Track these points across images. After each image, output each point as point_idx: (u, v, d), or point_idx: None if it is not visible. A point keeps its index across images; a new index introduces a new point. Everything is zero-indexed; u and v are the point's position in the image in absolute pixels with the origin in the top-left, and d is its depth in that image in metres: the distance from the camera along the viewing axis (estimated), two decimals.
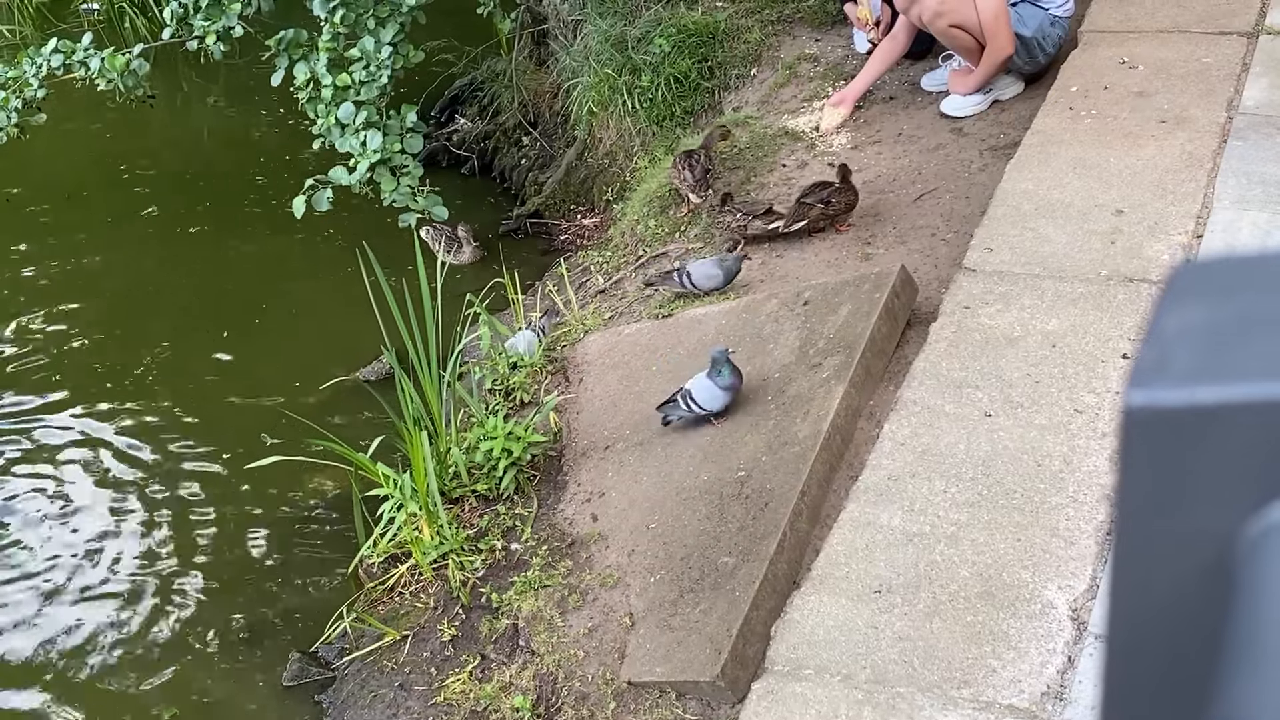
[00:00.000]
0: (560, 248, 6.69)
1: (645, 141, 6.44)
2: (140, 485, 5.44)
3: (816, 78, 6.02)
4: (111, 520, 5.25)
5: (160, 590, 4.90)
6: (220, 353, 6.21)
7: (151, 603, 4.85)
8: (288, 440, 5.23)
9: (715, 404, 4.12)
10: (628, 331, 4.92)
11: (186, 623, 4.76)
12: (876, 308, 4.09)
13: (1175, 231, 4.06)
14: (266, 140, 8.24)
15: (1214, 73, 4.86)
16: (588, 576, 3.94)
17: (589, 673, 3.65)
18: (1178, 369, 0.48)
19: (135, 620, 4.79)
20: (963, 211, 4.72)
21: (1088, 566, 3.08)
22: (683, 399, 4.15)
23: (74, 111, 8.20)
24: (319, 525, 5.10)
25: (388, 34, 5.93)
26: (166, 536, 5.15)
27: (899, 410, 3.62)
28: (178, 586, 4.92)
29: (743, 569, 3.53)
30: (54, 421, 5.87)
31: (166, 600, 4.86)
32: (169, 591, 4.90)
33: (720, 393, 4.10)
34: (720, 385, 4.10)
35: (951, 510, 3.29)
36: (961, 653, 2.95)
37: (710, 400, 4.12)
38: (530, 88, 7.54)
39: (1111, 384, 3.55)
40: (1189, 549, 0.49)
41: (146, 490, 5.41)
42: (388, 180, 5.71)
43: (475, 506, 4.43)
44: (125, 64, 6.19)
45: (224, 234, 7.19)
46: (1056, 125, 4.72)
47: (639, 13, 6.65)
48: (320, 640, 4.45)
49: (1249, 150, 4.39)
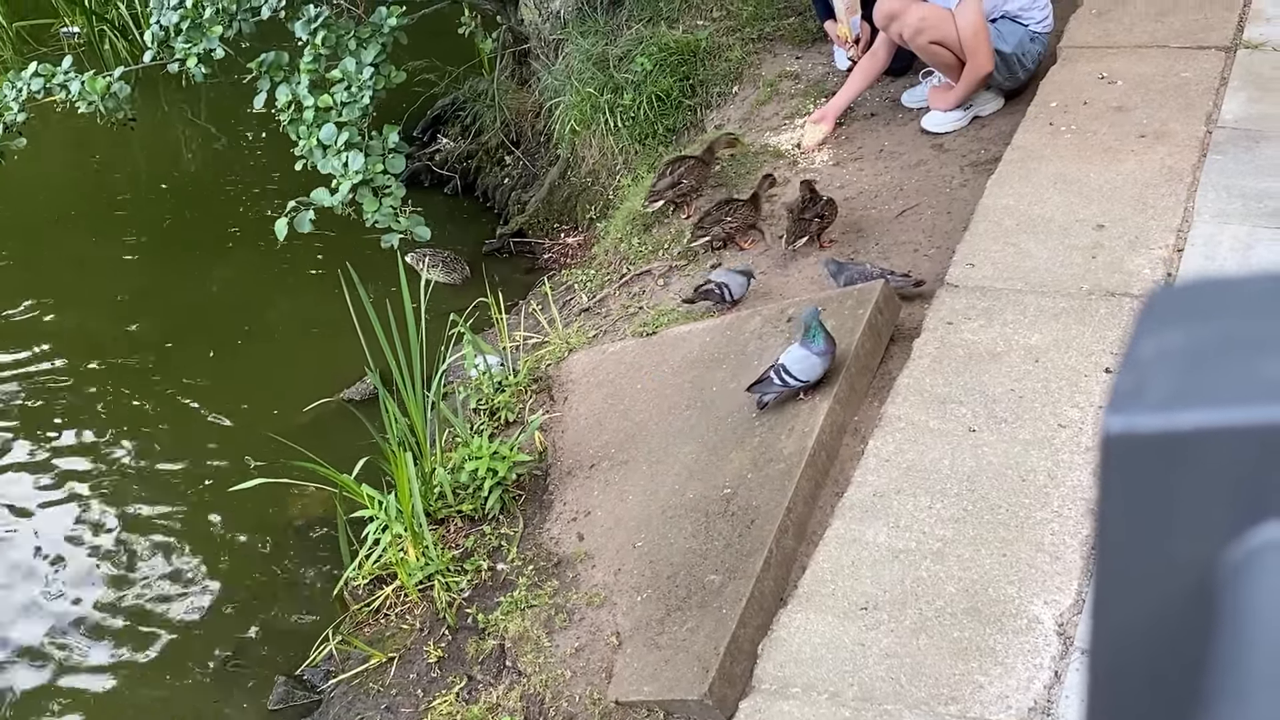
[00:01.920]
0: (544, 266, 6.69)
1: (628, 160, 6.45)
2: (123, 508, 5.41)
3: (798, 95, 6.04)
4: (93, 543, 5.23)
5: (144, 614, 4.88)
6: (203, 375, 6.18)
7: (135, 626, 4.82)
8: (272, 462, 5.21)
9: (812, 373, 3.87)
10: (612, 350, 4.92)
11: (171, 646, 4.73)
12: (860, 324, 4.10)
13: (1156, 246, 4.07)
14: (248, 162, 8.23)
15: (1193, 87, 4.89)
16: (574, 596, 3.93)
17: (576, 693, 3.64)
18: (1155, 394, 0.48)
19: (119, 644, 4.76)
20: (944, 227, 4.74)
21: (1073, 581, 3.08)
22: (776, 373, 3.90)
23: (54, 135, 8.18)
24: (304, 547, 5.08)
25: (369, 55, 5.94)
26: (150, 559, 5.13)
27: (884, 426, 3.63)
28: (162, 610, 4.89)
29: (729, 587, 3.52)
30: (35, 445, 5.84)
31: (151, 624, 4.83)
32: (153, 615, 4.87)
33: (817, 360, 3.84)
34: (815, 352, 3.84)
35: (937, 526, 3.29)
36: (948, 669, 2.94)
37: (807, 370, 3.86)
38: (512, 107, 7.55)
39: (1094, 398, 3.56)
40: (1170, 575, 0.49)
41: (129, 513, 5.38)
42: (370, 201, 5.71)
43: (461, 527, 4.42)
44: (106, 87, 6.18)
45: (206, 256, 7.17)
46: (1037, 141, 4.74)
47: (620, 32, 6.66)
48: (306, 663, 4.43)
49: (1228, 164, 4.41)
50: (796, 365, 3.87)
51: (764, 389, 3.98)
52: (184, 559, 5.12)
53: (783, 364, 3.90)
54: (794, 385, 3.90)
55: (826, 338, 3.87)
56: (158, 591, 4.97)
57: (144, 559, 5.13)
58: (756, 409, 4.05)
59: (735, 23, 6.60)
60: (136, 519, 5.34)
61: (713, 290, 4.75)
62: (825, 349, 3.87)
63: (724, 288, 4.72)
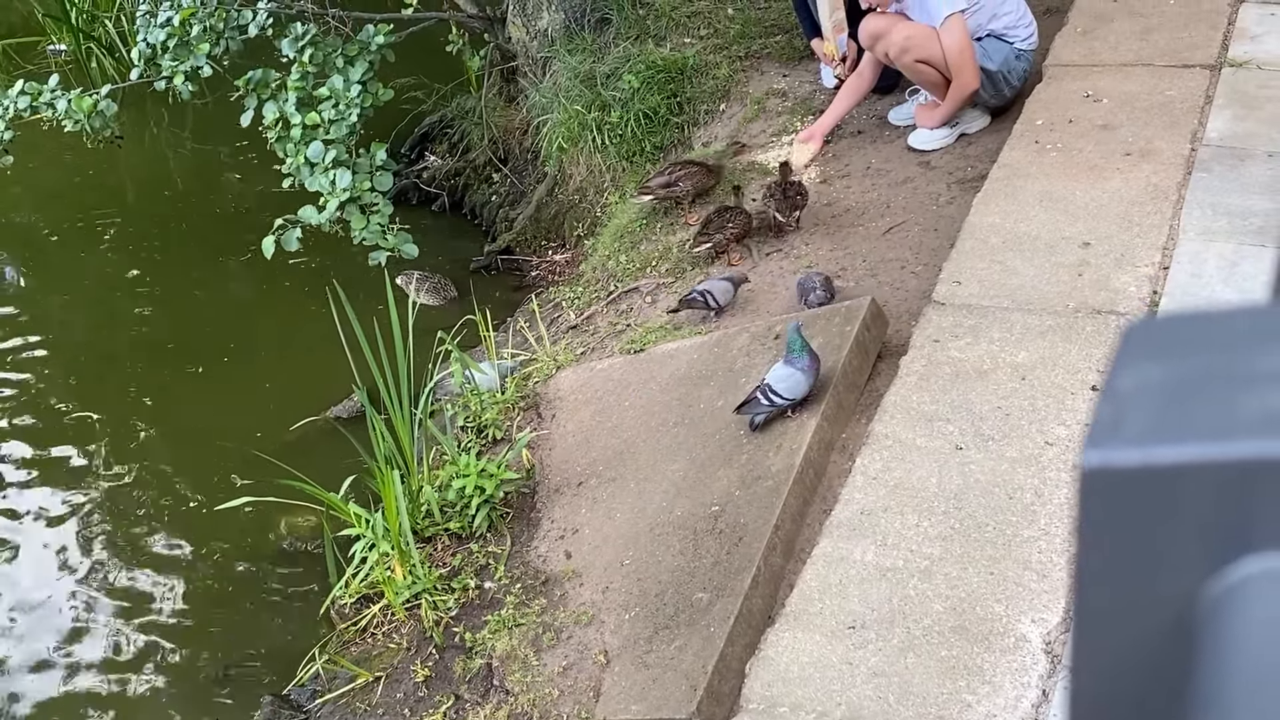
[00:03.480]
0: (532, 284, 6.69)
1: (615, 177, 6.46)
2: (109, 526, 5.39)
3: (785, 112, 6.06)
4: (79, 562, 5.20)
5: (130, 633, 4.86)
6: (189, 392, 6.17)
7: (121, 646, 4.80)
8: (258, 480, 5.19)
9: (797, 390, 3.87)
10: (600, 367, 4.92)
11: (157, 666, 4.71)
12: (847, 341, 4.10)
13: (1142, 263, 4.09)
14: (235, 179, 8.22)
15: (1178, 105, 4.92)
16: (562, 614, 3.92)
17: (564, 712, 3.63)
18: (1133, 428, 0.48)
19: (105, 663, 4.73)
20: (931, 244, 4.75)
21: (1061, 599, 3.08)
22: (762, 394, 3.90)
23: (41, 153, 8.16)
24: (290, 566, 5.06)
25: (356, 72, 5.94)
26: (135, 579, 5.10)
27: (871, 444, 3.63)
28: (147, 629, 4.87)
29: (717, 605, 3.52)
30: (20, 463, 5.82)
31: (136, 643, 4.81)
32: (139, 634, 4.85)
33: (801, 376, 3.85)
34: (800, 368, 3.84)
35: (924, 544, 3.29)
36: (936, 688, 2.94)
37: (792, 388, 3.86)
38: (500, 124, 7.55)
39: (1081, 416, 3.57)
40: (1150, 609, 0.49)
41: (115, 531, 5.36)
42: (357, 218, 5.70)
43: (448, 545, 4.41)
44: (93, 105, 6.18)
45: (193, 273, 7.16)
46: (1023, 158, 4.76)
47: (608, 49, 6.68)
48: (293, 683, 4.41)
49: (1214, 182, 4.43)
50: (782, 384, 3.88)
51: (753, 409, 3.98)
52: (169, 577, 5.10)
53: (768, 384, 3.91)
54: (781, 404, 3.91)
55: (810, 354, 3.88)
56: (142, 610, 4.95)
57: (128, 577, 5.11)
58: (749, 429, 4.05)
59: (723, 40, 6.62)
60: (121, 537, 5.32)
61: (696, 299, 4.76)
62: (809, 364, 3.88)
63: (708, 294, 4.73)
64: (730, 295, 4.76)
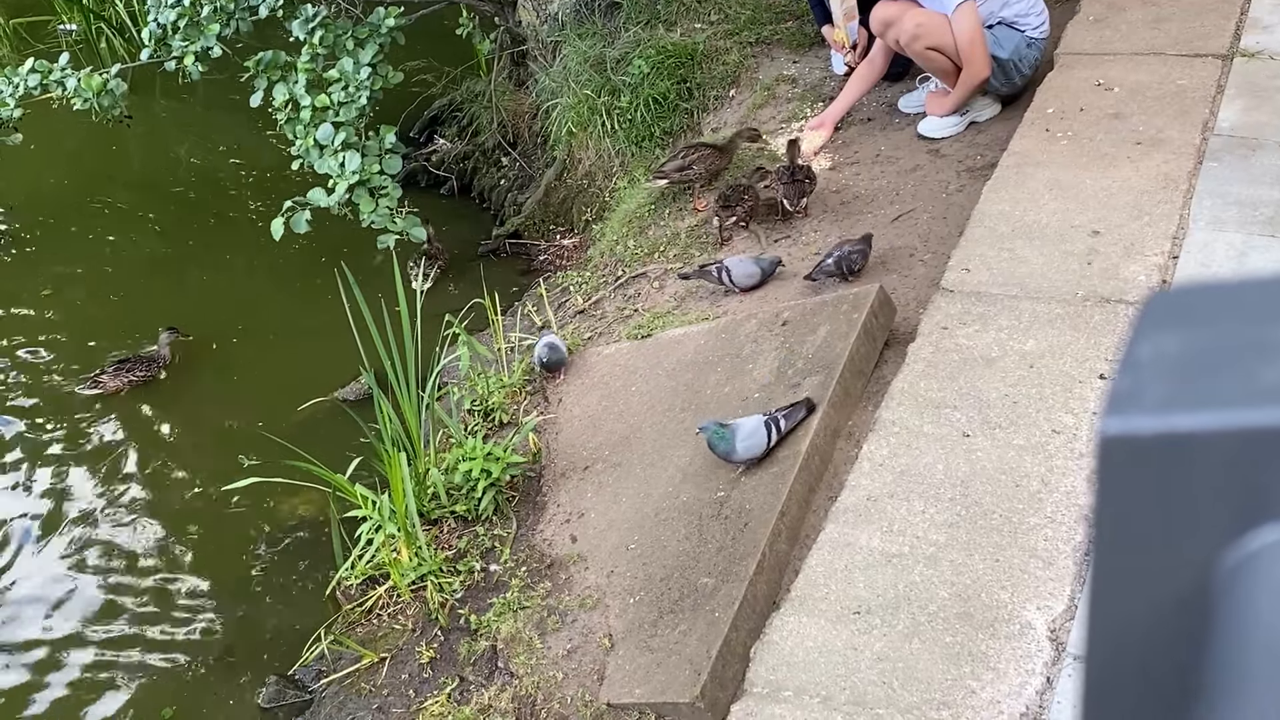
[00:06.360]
0: (539, 268, 6.69)
1: (624, 162, 6.45)
2: (116, 507, 5.40)
3: (794, 99, 6.05)
4: (86, 542, 5.22)
5: (136, 612, 4.87)
6: (197, 373, 6.18)
7: (128, 625, 4.81)
8: (266, 461, 5.20)
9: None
10: (607, 352, 4.92)
11: (163, 645, 4.72)
12: (855, 328, 4.10)
13: (1151, 253, 4.08)
14: (244, 161, 8.22)
15: (1189, 95, 4.90)
16: (567, 598, 3.93)
17: (568, 694, 3.64)
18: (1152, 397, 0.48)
19: (111, 642, 4.75)
20: (940, 232, 4.74)
21: (1066, 587, 3.08)
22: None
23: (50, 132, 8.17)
24: (297, 547, 5.07)
25: (366, 55, 5.94)
26: (142, 558, 5.12)
27: (878, 430, 3.63)
28: (154, 608, 4.88)
29: (722, 590, 3.52)
30: (27, 443, 5.83)
31: (143, 622, 4.82)
32: (145, 613, 4.86)
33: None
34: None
35: (930, 531, 3.29)
36: (941, 674, 2.94)
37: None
38: (509, 108, 7.55)
39: (1089, 404, 3.56)
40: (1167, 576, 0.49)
41: (122, 511, 5.37)
42: (366, 201, 5.70)
43: (454, 528, 4.41)
44: (102, 84, 6.18)
45: (201, 255, 7.17)
46: (1033, 147, 4.75)
47: (618, 34, 6.67)
48: (298, 662, 4.43)
49: (1224, 171, 4.42)
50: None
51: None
52: (176, 556, 5.12)
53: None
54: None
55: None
56: (149, 588, 4.96)
57: (135, 556, 5.13)
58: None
59: (733, 26, 6.60)
60: (128, 517, 5.33)
61: (710, 271, 4.78)
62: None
63: (724, 271, 4.74)
64: (755, 279, 4.76)
